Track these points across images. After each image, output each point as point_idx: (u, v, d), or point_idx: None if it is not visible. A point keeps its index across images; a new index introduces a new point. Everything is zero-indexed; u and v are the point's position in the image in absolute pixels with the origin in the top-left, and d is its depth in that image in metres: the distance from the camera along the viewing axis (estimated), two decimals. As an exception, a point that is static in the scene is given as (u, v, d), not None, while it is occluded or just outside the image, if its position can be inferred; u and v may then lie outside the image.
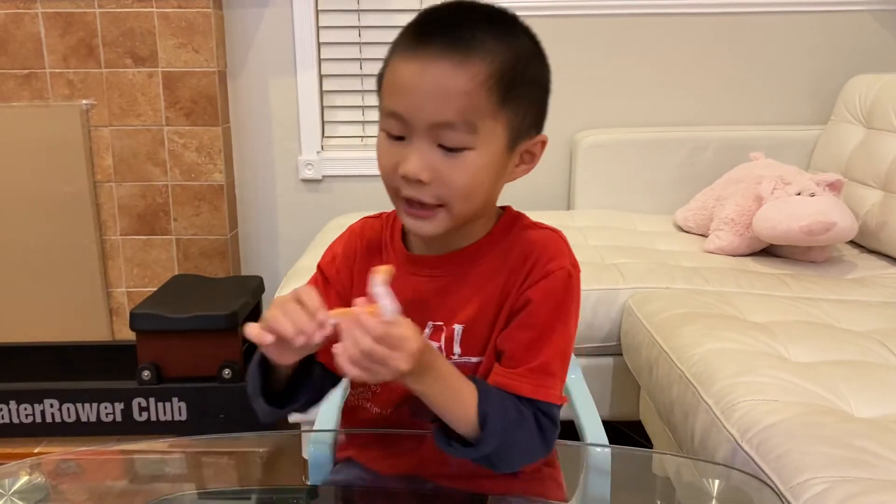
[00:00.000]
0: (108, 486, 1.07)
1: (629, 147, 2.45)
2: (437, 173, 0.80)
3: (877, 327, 1.46)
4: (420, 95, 0.78)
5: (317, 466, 1.06)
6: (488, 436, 0.81)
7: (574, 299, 0.88)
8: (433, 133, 0.79)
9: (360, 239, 0.96)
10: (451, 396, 0.81)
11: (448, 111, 0.78)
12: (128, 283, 2.54)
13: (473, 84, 0.78)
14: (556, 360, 0.86)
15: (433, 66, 0.78)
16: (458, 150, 0.80)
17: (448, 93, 0.78)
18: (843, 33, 2.47)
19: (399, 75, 0.80)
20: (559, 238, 0.90)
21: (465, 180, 0.80)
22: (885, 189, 2.01)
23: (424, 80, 0.78)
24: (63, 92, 2.40)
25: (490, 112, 0.80)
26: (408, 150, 0.80)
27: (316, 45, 2.52)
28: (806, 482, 0.96)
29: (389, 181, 0.84)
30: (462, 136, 0.79)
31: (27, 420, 2.08)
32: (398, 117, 0.80)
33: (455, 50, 0.78)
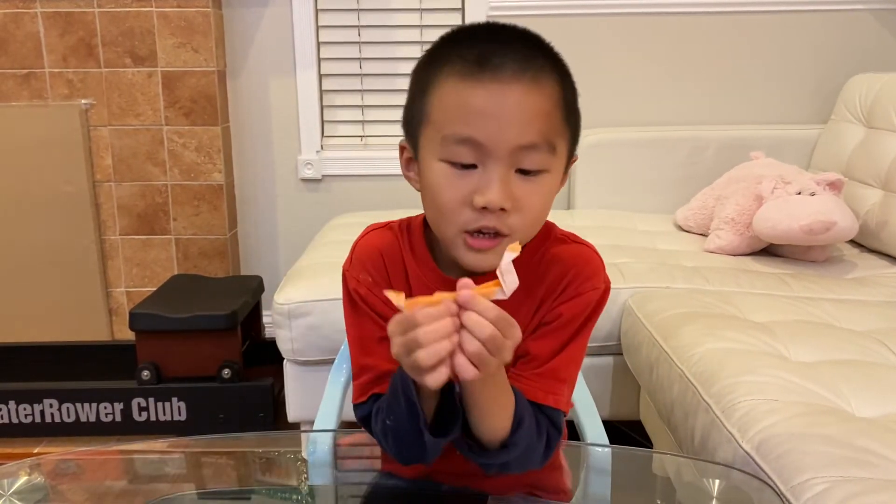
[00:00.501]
0: (108, 487, 1.07)
1: (629, 146, 2.45)
2: (516, 200, 0.77)
3: (877, 327, 1.45)
4: (502, 119, 0.75)
5: (317, 466, 1.06)
6: (520, 439, 0.80)
7: (598, 315, 0.88)
8: (514, 157, 0.76)
9: (382, 256, 0.90)
10: (503, 393, 0.79)
11: (532, 133, 0.76)
12: (127, 283, 2.54)
13: (551, 104, 0.78)
14: (569, 367, 0.87)
15: (511, 88, 0.76)
16: (537, 174, 0.78)
17: (531, 114, 0.76)
18: (843, 33, 2.47)
19: (470, 99, 0.76)
20: (594, 254, 0.90)
21: (540, 204, 0.79)
22: (886, 188, 2.01)
23: (506, 104, 0.76)
24: (62, 91, 2.40)
25: (562, 132, 0.80)
26: (484, 178, 0.76)
27: (315, 45, 2.51)
28: (806, 482, 0.96)
29: (455, 215, 0.78)
30: (544, 157, 0.78)
31: (26, 420, 2.08)
32: (472, 144, 0.76)
33: (526, 71, 0.76)
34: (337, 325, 0.95)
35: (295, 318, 1.76)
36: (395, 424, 0.80)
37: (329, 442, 1.11)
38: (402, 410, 0.78)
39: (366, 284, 0.88)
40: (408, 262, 0.90)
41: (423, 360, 0.66)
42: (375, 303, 0.87)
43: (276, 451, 1.15)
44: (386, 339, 0.72)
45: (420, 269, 0.89)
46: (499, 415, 0.79)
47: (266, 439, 1.32)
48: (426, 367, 0.67)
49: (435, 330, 0.66)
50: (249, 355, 2.20)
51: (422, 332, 0.66)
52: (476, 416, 0.78)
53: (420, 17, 2.50)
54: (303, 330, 1.76)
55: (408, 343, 0.67)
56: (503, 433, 0.80)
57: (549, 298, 0.87)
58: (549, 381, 0.85)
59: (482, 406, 0.77)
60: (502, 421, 0.79)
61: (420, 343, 0.66)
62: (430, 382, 0.68)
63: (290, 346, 1.79)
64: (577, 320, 0.86)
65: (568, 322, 0.86)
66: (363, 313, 0.88)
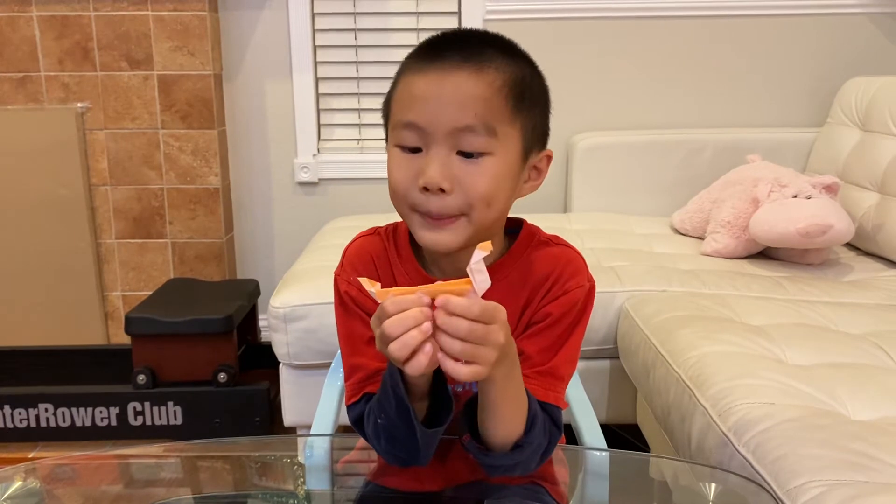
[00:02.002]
0: (103, 491, 1.07)
1: (626, 150, 2.46)
2: (458, 180, 0.81)
3: (873, 329, 1.46)
4: (440, 103, 0.80)
5: (314, 471, 1.06)
6: (534, 437, 0.82)
7: (589, 311, 0.91)
8: (453, 139, 0.80)
9: (373, 259, 0.94)
10: (520, 393, 0.81)
11: (468, 115, 0.80)
12: (123, 287, 2.54)
13: (491, 90, 0.81)
14: (565, 365, 0.89)
15: (451, 75, 0.81)
16: (478, 156, 0.81)
17: (468, 98, 0.80)
18: (839, 36, 2.47)
19: (414, 87, 0.82)
20: (576, 255, 0.93)
21: (485, 185, 0.81)
22: (882, 191, 2.01)
23: (444, 88, 0.80)
24: (58, 95, 2.40)
25: (507, 118, 0.82)
26: (426, 160, 0.81)
27: (312, 48, 2.51)
28: (803, 485, 0.96)
29: (404, 196, 0.83)
30: (482, 139, 0.81)
31: (22, 425, 2.07)
32: (415, 127, 0.81)
33: (470, 61, 0.81)
34: (333, 329, 0.95)
35: (291, 321, 1.76)
36: (387, 422, 0.82)
37: (326, 446, 1.11)
38: (392, 407, 0.79)
39: (356, 285, 0.90)
40: (394, 264, 0.93)
41: (394, 352, 0.68)
42: (365, 302, 0.90)
43: (272, 455, 1.15)
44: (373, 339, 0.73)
45: (406, 270, 0.92)
46: (516, 414, 0.81)
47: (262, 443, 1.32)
48: (400, 358, 0.69)
49: (400, 320, 0.68)
50: (245, 359, 2.20)
51: (389, 324, 0.68)
52: (492, 417, 0.80)
53: (417, 20, 2.50)
54: (299, 334, 1.76)
55: (381, 335, 0.70)
56: (517, 433, 0.81)
57: (534, 299, 0.90)
58: (549, 379, 0.87)
59: (500, 406, 0.79)
60: (518, 421, 0.81)
61: (388, 334, 0.68)
62: (409, 371, 0.70)
63: (286, 350, 1.79)
64: (567, 318, 0.89)
65: (558, 320, 0.88)
66: (353, 314, 0.91)
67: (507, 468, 0.84)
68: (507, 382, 0.78)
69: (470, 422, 0.83)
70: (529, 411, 0.81)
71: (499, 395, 0.78)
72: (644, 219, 2.37)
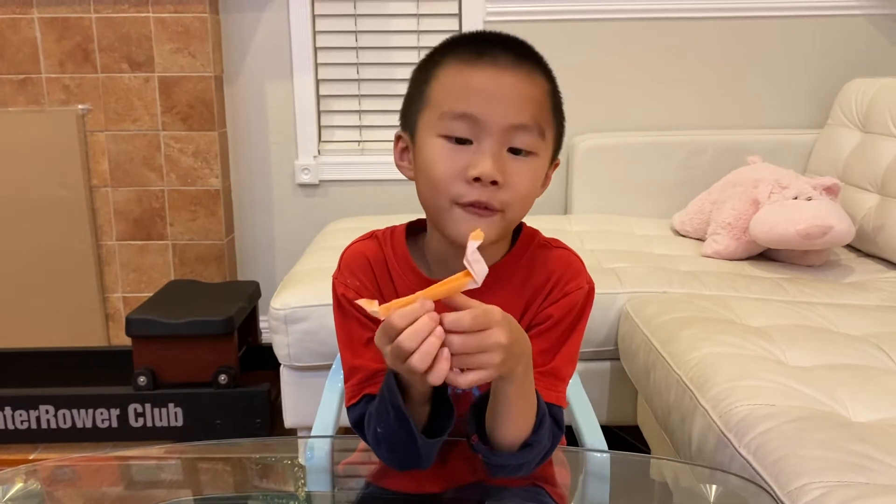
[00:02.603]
0: (104, 493, 1.07)
1: (626, 151, 2.46)
2: (506, 176, 0.82)
3: (874, 331, 1.46)
4: (499, 98, 0.81)
5: (315, 472, 1.06)
6: (542, 437, 0.83)
7: (589, 312, 0.93)
8: (506, 135, 0.82)
9: (369, 262, 0.94)
10: (531, 393, 0.81)
11: (524, 114, 0.82)
12: (124, 289, 2.54)
13: (542, 93, 0.85)
14: (566, 365, 0.90)
15: (508, 73, 0.82)
16: (526, 154, 0.83)
17: (525, 98, 0.82)
18: (839, 37, 2.47)
19: (470, 79, 0.82)
20: (575, 258, 0.95)
21: (527, 184, 0.84)
22: (882, 193, 2.01)
23: (502, 85, 0.82)
24: (59, 97, 2.40)
25: (550, 122, 0.86)
26: (479, 152, 0.81)
27: (312, 50, 2.52)
28: (803, 487, 0.96)
29: (448, 188, 0.82)
30: (534, 139, 0.83)
31: (22, 426, 2.07)
32: (470, 119, 0.81)
33: (523, 64, 0.84)
34: (333, 331, 0.95)
35: (291, 323, 1.76)
36: (387, 431, 0.81)
37: (326, 448, 1.11)
38: (392, 419, 0.79)
39: (353, 288, 0.91)
40: (392, 267, 0.93)
41: (416, 364, 0.68)
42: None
43: (272, 456, 1.15)
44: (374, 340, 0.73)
45: (403, 272, 0.92)
46: (528, 413, 0.81)
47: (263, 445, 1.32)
48: (423, 368, 0.68)
49: (414, 332, 0.68)
50: (246, 361, 2.20)
51: (405, 338, 0.68)
52: (506, 415, 0.80)
53: (417, 22, 2.50)
54: (299, 335, 1.76)
55: (395, 351, 0.69)
56: (527, 432, 0.82)
57: (535, 301, 0.91)
58: (551, 380, 0.88)
59: (514, 404, 0.79)
60: (529, 419, 0.82)
61: (406, 349, 0.68)
62: (432, 381, 0.70)
63: (286, 352, 1.79)
64: (567, 319, 0.90)
65: (558, 322, 0.90)
66: (351, 317, 0.91)
67: (513, 468, 0.84)
68: (525, 379, 0.78)
69: (477, 422, 0.83)
70: (538, 410, 0.82)
71: (516, 392, 0.78)
72: (644, 220, 2.37)
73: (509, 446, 0.82)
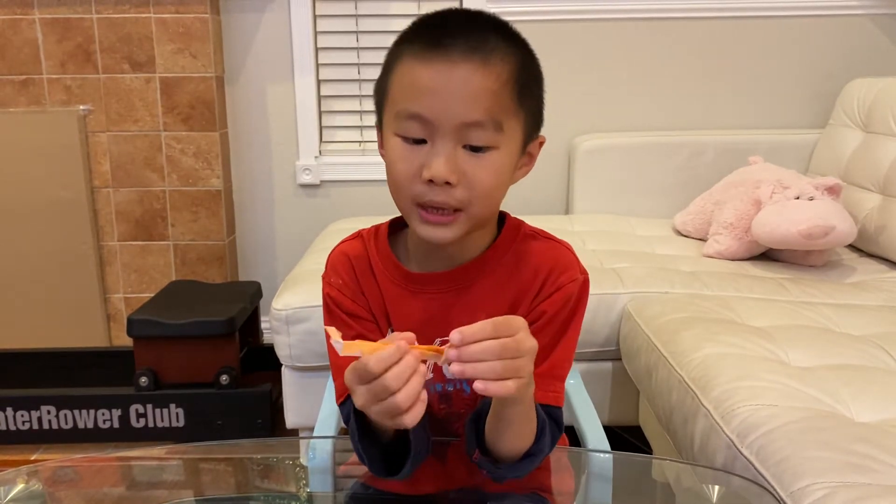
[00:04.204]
0: (106, 494, 1.07)
1: (628, 151, 2.45)
2: (464, 174, 0.80)
3: (876, 331, 1.45)
4: (448, 96, 0.78)
5: (316, 473, 1.06)
6: (544, 445, 0.82)
7: (584, 305, 0.91)
8: (460, 133, 0.79)
9: (350, 261, 0.95)
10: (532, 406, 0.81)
11: (478, 110, 0.78)
12: (125, 289, 2.54)
13: (499, 84, 0.79)
14: (562, 363, 0.89)
15: (459, 67, 0.78)
16: (485, 150, 0.80)
17: (477, 92, 0.78)
18: (841, 37, 2.47)
19: (419, 77, 0.80)
20: (565, 249, 0.92)
21: (489, 180, 0.81)
22: (884, 193, 2.01)
23: (452, 81, 0.78)
24: (60, 98, 2.40)
25: (513, 111, 0.81)
26: (431, 152, 0.79)
27: (314, 51, 2.52)
28: (806, 487, 0.95)
29: (407, 188, 0.81)
30: (490, 135, 0.80)
31: (24, 427, 2.07)
32: (421, 119, 0.79)
33: (477, 52, 0.79)
34: (335, 332, 0.95)
35: (293, 323, 1.75)
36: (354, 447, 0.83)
37: (328, 448, 1.11)
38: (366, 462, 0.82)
39: (336, 286, 0.93)
40: (375, 263, 0.93)
41: (401, 402, 0.67)
42: (344, 301, 0.92)
43: (274, 457, 1.15)
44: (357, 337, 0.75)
45: (386, 268, 0.92)
46: (529, 426, 0.81)
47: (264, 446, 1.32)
48: (404, 408, 0.68)
49: (401, 372, 0.67)
50: (247, 361, 2.20)
51: (391, 377, 0.67)
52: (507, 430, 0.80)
53: (418, 22, 2.50)
54: (301, 336, 1.76)
55: (375, 390, 0.68)
56: (528, 444, 0.81)
57: (525, 297, 0.89)
58: (547, 380, 0.87)
59: (515, 420, 0.79)
60: (530, 431, 0.81)
61: (391, 388, 0.67)
62: (408, 422, 0.69)
63: (288, 352, 1.79)
64: (562, 314, 0.88)
65: (553, 318, 0.87)
66: (336, 316, 0.93)
67: (517, 476, 0.84)
68: (526, 394, 0.77)
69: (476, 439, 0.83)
70: (538, 419, 0.81)
71: (518, 408, 0.78)
72: (646, 220, 2.37)
73: (511, 457, 0.82)
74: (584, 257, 0.89)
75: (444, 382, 0.90)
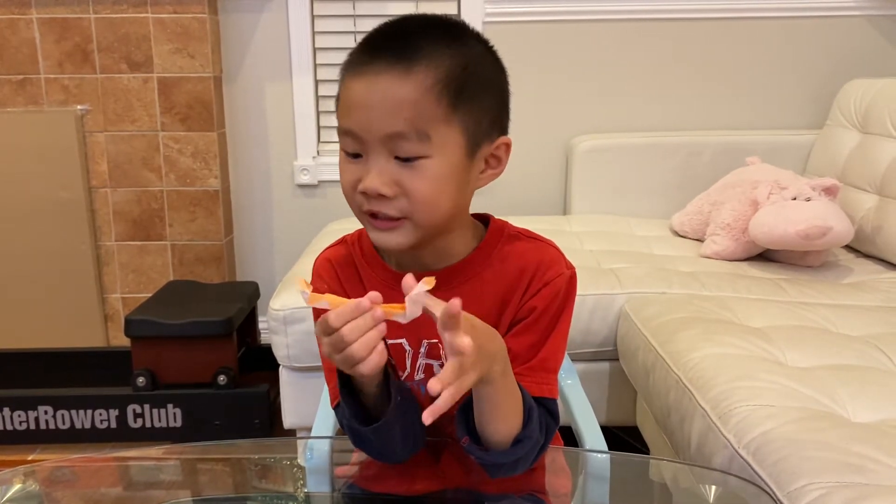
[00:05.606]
0: (103, 494, 1.07)
1: (625, 152, 2.46)
2: (398, 186, 0.80)
3: (873, 332, 1.46)
4: (370, 110, 0.79)
5: (314, 473, 1.06)
6: (532, 431, 0.82)
7: (573, 299, 0.91)
8: (388, 145, 0.79)
9: (334, 267, 0.96)
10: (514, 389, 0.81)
11: (398, 122, 0.78)
12: (123, 289, 2.54)
13: (420, 92, 0.78)
14: (556, 356, 0.89)
15: (380, 78, 0.79)
16: (414, 160, 0.79)
17: (395, 103, 0.78)
18: (838, 38, 2.48)
19: (349, 93, 0.81)
20: (549, 246, 0.92)
21: (425, 189, 0.80)
22: (881, 193, 2.01)
23: (373, 94, 0.79)
24: (58, 97, 2.40)
25: (442, 118, 0.79)
26: (366, 166, 0.81)
27: (312, 50, 2.52)
28: (803, 488, 0.96)
29: (351, 199, 0.84)
30: (415, 145, 0.79)
31: (21, 427, 2.07)
32: (352, 134, 0.81)
33: (399, 60, 0.79)
34: (333, 332, 0.96)
35: (290, 324, 1.75)
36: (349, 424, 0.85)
37: (326, 448, 1.11)
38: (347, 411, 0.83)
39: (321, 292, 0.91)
40: (360, 266, 0.94)
41: (357, 352, 0.71)
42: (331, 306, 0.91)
43: (272, 457, 1.15)
44: None
45: (373, 269, 0.93)
46: (515, 410, 0.81)
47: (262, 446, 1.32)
48: (360, 357, 0.71)
49: (357, 325, 0.71)
50: (245, 361, 2.20)
51: (347, 329, 0.71)
52: (493, 416, 0.80)
53: (416, 22, 2.50)
54: (298, 336, 1.76)
55: (335, 342, 0.72)
56: (516, 429, 0.82)
57: (513, 296, 0.89)
58: (540, 374, 0.88)
59: (499, 404, 0.79)
60: (517, 416, 0.82)
61: (348, 339, 0.71)
62: (364, 370, 0.72)
63: (285, 353, 1.79)
64: (552, 309, 0.88)
65: (542, 313, 0.88)
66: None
67: (510, 466, 0.84)
68: (504, 379, 0.78)
69: (467, 426, 0.83)
70: (525, 405, 0.82)
71: (498, 392, 0.78)
72: (644, 221, 2.37)
73: (501, 444, 0.82)
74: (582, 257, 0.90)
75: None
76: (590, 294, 1.74)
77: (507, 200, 2.32)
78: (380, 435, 0.83)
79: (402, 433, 0.84)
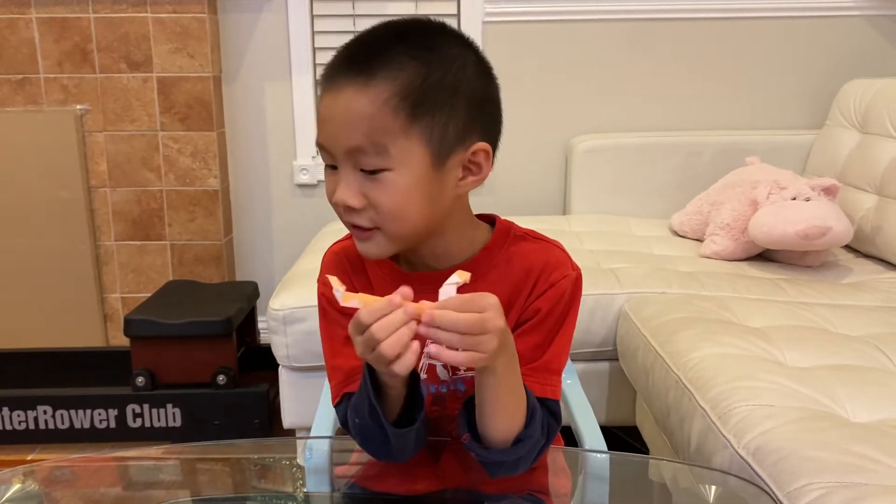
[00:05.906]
0: (102, 494, 1.07)
1: (625, 152, 2.46)
2: (366, 197, 0.81)
3: (873, 332, 1.46)
4: (333, 124, 0.80)
5: (313, 473, 1.06)
6: (534, 430, 0.82)
7: (578, 300, 0.91)
8: (352, 159, 0.80)
9: (344, 260, 0.96)
10: (519, 385, 0.81)
11: (356, 136, 0.79)
12: (122, 289, 2.54)
13: (375, 106, 0.78)
14: (560, 358, 0.89)
15: (343, 92, 0.80)
16: (378, 172, 0.80)
17: (353, 117, 0.79)
18: (838, 38, 2.48)
19: (320, 106, 0.83)
20: (555, 248, 0.92)
21: (390, 201, 0.80)
22: (880, 193, 2.01)
23: (335, 109, 0.80)
24: (57, 97, 2.40)
25: (399, 130, 0.79)
26: (337, 179, 0.82)
27: (311, 50, 2.51)
28: (803, 488, 0.96)
29: (334, 207, 0.85)
30: (374, 158, 0.79)
31: (20, 427, 2.07)
32: (323, 148, 0.82)
33: (359, 74, 0.79)
34: (333, 332, 0.96)
35: (290, 323, 1.75)
36: (362, 422, 0.83)
37: (325, 448, 1.11)
38: (366, 410, 0.81)
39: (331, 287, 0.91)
40: (367, 263, 0.94)
41: (386, 351, 0.70)
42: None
43: (271, 457, 1.15)
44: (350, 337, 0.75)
45: (379, 267, 0.93)
46: (517, 407, 0.81)
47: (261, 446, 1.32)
48: (391, 356, 0.70)
49: (390, 322, 0.70)
50: (244, 361, 2.20)
51: (377, 328, 0.70)
52: (495, 411, 0.80)
53: (416, 22, 2.50)
54: (298, 336, 1.76)
55: (367, 341, 0.71)
56: (519, 427, 0.82)
57: (518, 297, 0.89)
58: (544, 375, 0.88)
59: (501, 399, 0.79)
60: (520, 413, 0.82)
61: (378, 337, 0.70)
62: (398, 370, 0.71)
63: (285, 353, 1.79)
64: (557, 310, 0.88)
65: (547, 314, 0.88)
66: (331, 318, 0.93)
67: (510, 465, 0.84)
68: (509, 372, 0.78)
69: (469, 423, 0.83)
70: (528, 403, 0.82)
71: (501, 386, 0.78)
72: (643, 221, 2.37)
73: (501, 442, 0.82)
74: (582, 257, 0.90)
75: (437, 384, 0.90)
76: (589, 294, 1.74)
77: (506, 200, 2.32)
78: (403, 436, 0.82)
79: (416, 434, 0.84)
